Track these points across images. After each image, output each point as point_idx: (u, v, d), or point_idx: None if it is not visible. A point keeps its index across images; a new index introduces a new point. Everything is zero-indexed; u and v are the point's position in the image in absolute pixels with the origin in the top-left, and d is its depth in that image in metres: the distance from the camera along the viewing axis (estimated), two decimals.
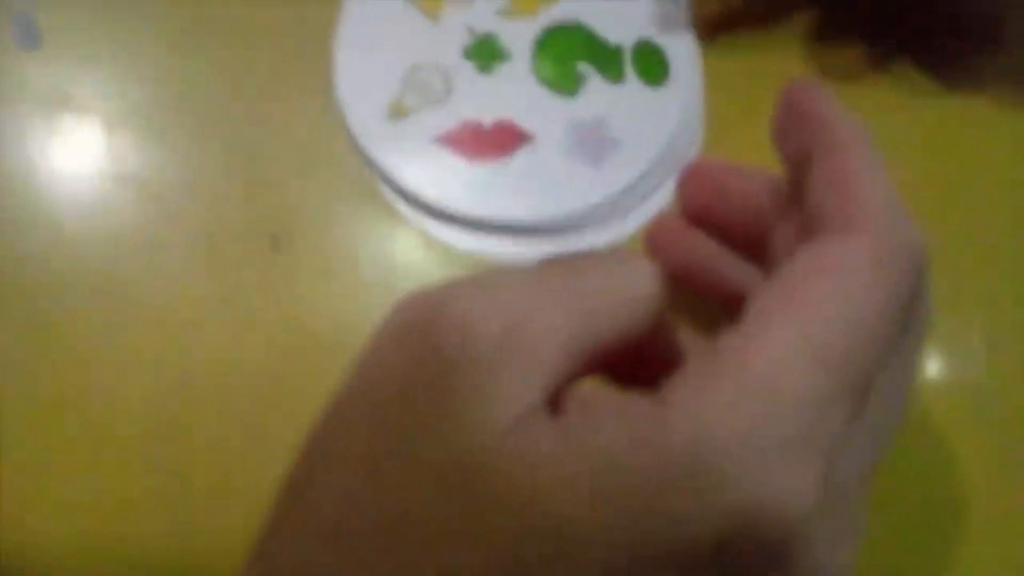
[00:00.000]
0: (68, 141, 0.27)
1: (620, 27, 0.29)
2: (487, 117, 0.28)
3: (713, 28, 0.31)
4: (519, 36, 0.29)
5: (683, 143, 0.29)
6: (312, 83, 0.28)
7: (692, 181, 0.22)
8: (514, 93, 0.28)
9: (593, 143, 0.29)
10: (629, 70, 0.29)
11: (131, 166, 0.27)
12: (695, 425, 0.13)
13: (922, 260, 0.15)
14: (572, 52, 0.29)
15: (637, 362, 0.17)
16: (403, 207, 0.29)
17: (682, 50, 0.29)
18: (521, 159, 0.28)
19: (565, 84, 0.29)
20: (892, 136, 0.29)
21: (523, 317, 0.14)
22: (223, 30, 0.29)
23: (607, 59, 0.29)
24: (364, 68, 0.29)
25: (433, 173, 0.28)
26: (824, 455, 0.13)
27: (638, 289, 0.16)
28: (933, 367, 0.28)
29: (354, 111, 0.28)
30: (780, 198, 0.19)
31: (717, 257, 0.22)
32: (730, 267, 0.21)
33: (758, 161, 0.29)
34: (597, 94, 0.29)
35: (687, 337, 0.19)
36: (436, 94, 0.28)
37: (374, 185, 0.28)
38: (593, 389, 0.15)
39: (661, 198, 0.29)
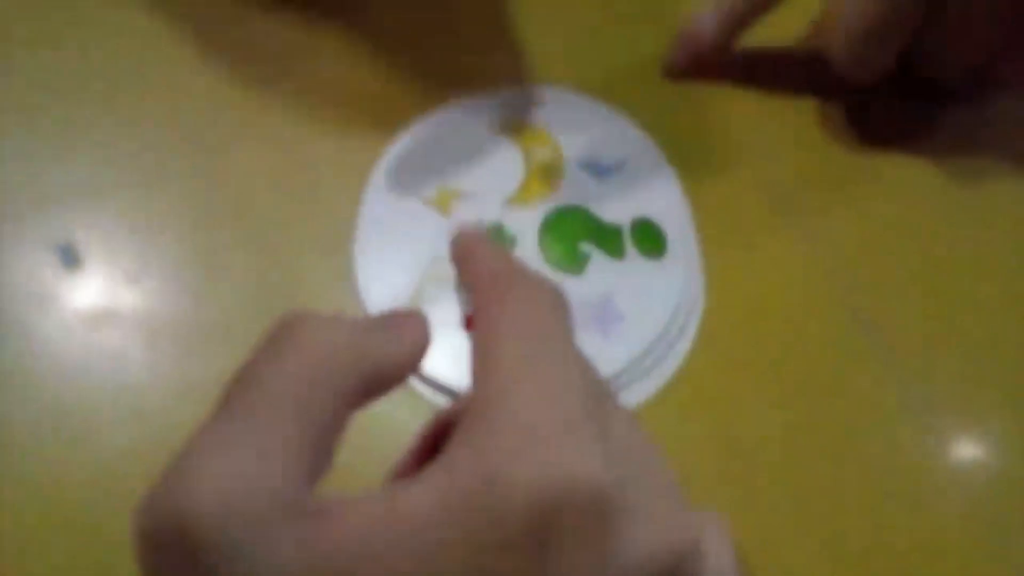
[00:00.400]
0: (113, 356, 0.28)
1: (617, 207, 0.32)
2: None
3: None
4: (525, 223, 0.31)
5: (685, 310, 0.31)
6: (335, 281, 0.30)
7: None
8: None
9: (601, 319, 0.30)
10: (629, 246, 0.31)
11: (173, 376, 0.28)
12: (478, 465, 0.15)
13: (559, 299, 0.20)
14: (575, 234, 0.31)
15: None
16: (424, 389, 0.30)
17: (677, 223, 0.31)
18: None
19: (571, 264, 0.31)
20: (907, 220, 0.31)
21: (233, 478, 0.15)
22: (251, 241, 0.31)
23: (608, 238, 0.31)
24: (383, 263, 0.31)
25: (451, 357, 0.29)
26: (590, 434, 0.16)
27: (327, 363, 0.17)
28: (960, 450, 0.29)
29: (376, 303, 0.30)
30: None
31: None
32: None
33: (759, 315, 0.30)
34: (601, 272, 0.31)
35: None
36: (452, 283, 0.30)
37: None
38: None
39: (667, 366, 0.30)
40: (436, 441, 0.22)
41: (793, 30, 0.35)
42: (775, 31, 0.33)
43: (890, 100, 0.33)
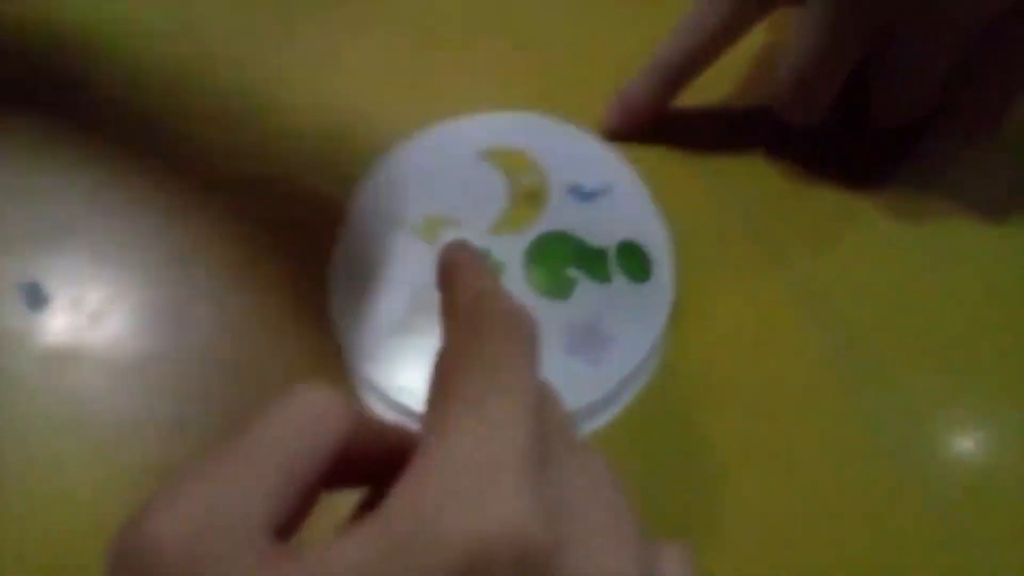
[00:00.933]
0: (78, 395, 0.27)
1: (602, 231, 0.31)
2: None
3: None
4: (511, 250, 0.31)
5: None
6: (310, 317, 0.29)
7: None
8: None
9: (590, 342, 0.30)
10: (615, 270, 0.31)
11: (138, 416, 0.27)
12: (410, 511, 0.15)
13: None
14: (561, 259, 0.31)
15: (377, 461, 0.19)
16: (414, 425, 0.29)
17: (659, 246, 0.32)
18: None
19: (557, 289, 0.31)
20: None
21: (208, 512, 0.16)
22: (219, 280, 0.30)
23: (593, 262, 0.31)
24: (365, 296, 0.30)
25: None
26: (522, 477, 0.16)
27: (314, 421, 0.18)
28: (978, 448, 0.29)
29: (359, 337, 0.29)
30: None
31: None
32: None
33: (728, 338, 0.31)
34: (588, 296, 0.31)
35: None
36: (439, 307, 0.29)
37: (375, 405, 0.29)
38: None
39: (637, 388, 0.30)
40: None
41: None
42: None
43: (856, 142, 0.34)
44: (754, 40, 0.33)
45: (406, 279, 0.30)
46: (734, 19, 0.30)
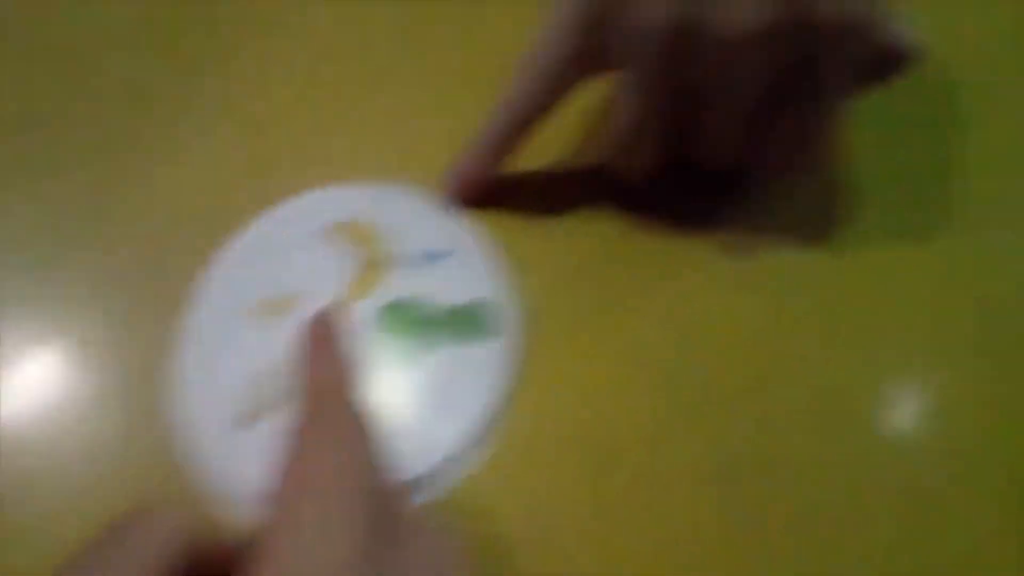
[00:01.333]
0: None
1: (448, 293, 0.32)
2: None
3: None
4: (359, 319, 0.31)
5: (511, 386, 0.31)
6: (145, 406, 0.30)
7: None
8: None
9: (438, 403, 0.30)
10: (462, 330, 0.31)
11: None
12: None
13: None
14: (408, 324, 0.32)
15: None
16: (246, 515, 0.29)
17: (504, 303, 0.32)
18: None
19: (406, 354, 0.31)
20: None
21: None
22: (61, 370, 0.31)
23: (440, 324, 0.31)
24: (207, 384, 0.30)
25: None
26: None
27: (153, 546, 0.18)
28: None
29: (197, 427, 0.30)
30: None
31: None
32: None
33: (577, 388, 0.31)
34: (436, 357, 0.31)
35: None
36: (283, 393, 0.30)
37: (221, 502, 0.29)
38: None
39: (486, 443, 0.30)
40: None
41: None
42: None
43: (686, 187, 0.34)
44: (591, 94, 0.34)
45: (245, 364, 0.30)
46: (551, 89, 0.31)
